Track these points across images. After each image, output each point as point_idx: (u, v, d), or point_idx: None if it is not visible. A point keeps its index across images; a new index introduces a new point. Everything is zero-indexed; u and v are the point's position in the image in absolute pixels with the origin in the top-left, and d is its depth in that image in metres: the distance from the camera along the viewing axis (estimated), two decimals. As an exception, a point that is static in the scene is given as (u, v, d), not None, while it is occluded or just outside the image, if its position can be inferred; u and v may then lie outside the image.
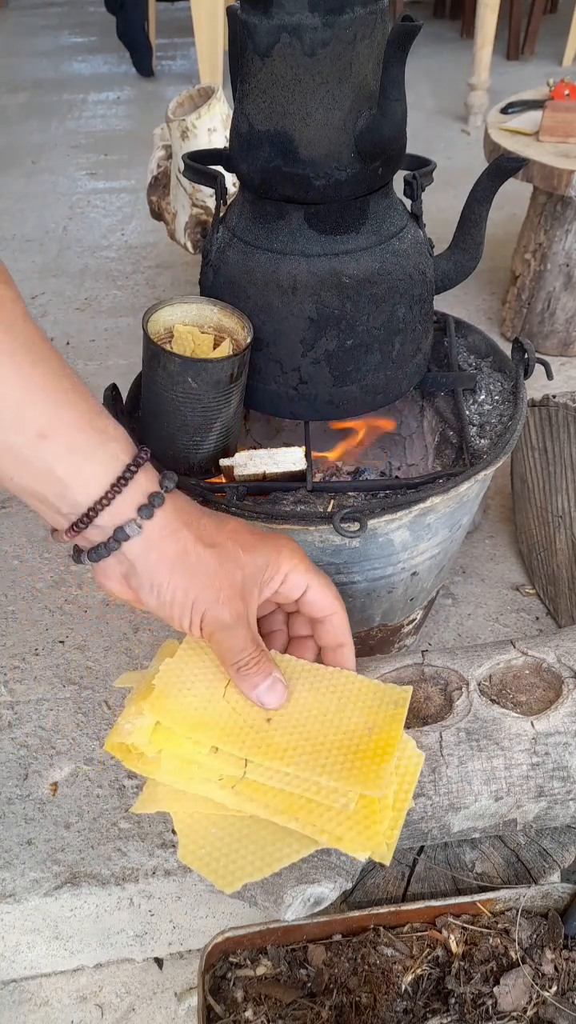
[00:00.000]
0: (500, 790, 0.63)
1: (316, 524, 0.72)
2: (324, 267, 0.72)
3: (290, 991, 0.62)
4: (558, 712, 0.64)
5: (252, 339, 0.73)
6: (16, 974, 0.87)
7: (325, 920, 0.64)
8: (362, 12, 0.62)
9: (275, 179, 0.69)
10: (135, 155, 2.49)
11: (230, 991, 0.62)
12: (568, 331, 1.56)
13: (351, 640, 0.60)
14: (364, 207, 0.72)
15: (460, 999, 0.60)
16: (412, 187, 0.80)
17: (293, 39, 0.62)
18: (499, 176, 0.77)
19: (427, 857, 0.70)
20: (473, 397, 0.87)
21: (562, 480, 1.00)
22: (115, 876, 0.84)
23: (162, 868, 0.84)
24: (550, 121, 1.42)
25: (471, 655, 0.70)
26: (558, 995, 0.60)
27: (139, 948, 0.88)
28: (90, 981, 0.87)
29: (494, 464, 0.77)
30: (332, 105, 0.65)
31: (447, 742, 0.63)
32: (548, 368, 0.84)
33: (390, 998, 0.61)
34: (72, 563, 1.20)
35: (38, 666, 1.07)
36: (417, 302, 0.77)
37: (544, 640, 0.71)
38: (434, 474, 0.78)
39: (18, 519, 1.29)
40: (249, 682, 0.55)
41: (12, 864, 0.85)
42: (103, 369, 1.64)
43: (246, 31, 0.65)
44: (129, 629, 1.11)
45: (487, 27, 2.46)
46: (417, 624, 1.00)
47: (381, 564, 0.79)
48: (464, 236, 0.81)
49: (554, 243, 1.48)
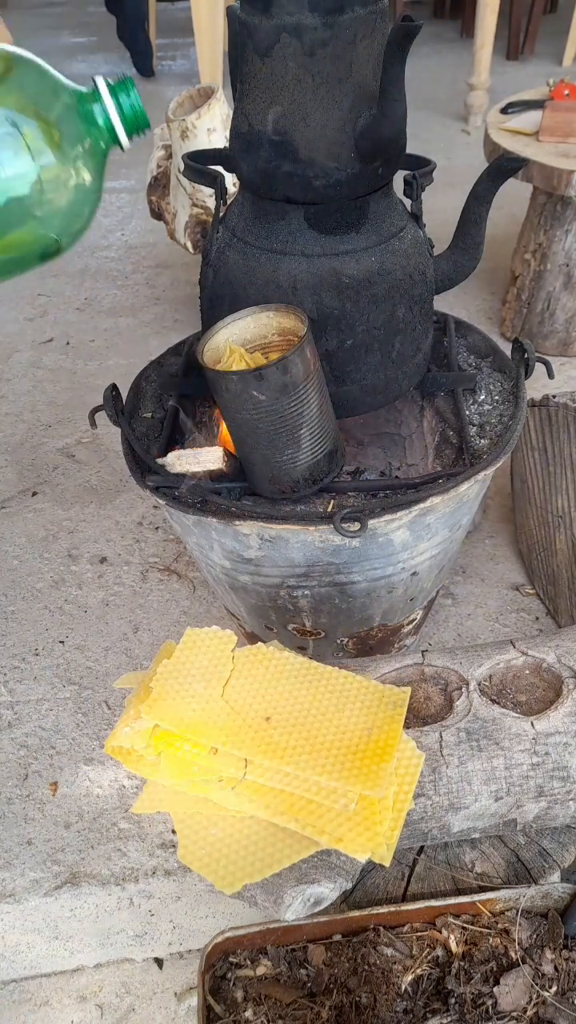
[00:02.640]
0: (500, 790, 0.63)
1: (316, 524, 0.72)
2: (324, 267, 0.72)
3: (290, 991, 0.62)
4: (558, 712, 0.64)
5: (307, 332, 0.68)
6: (16, 974, 0.87)
7: (325, 920, 0.64)
8: (362, 12, 0.62)
9: (275, 179, 0.69)
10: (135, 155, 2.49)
11: (230, 991, 0.62)
12: (568, 331, 1.56)
13: None
14: (364, 207, 0.72)
15: (460, 999, 0.60)
16: (412, 187, 0.80)
17: (293, 39, 0.62)
18: (499, 176, 0.77)
19: (427, 857, 0.70)
20: (473, 397, 0.87)
21: (562, 480, 1.00)
22: (115, 876, 0.84)
23: (162, 868, 0.84)
24: (550, 121, 1.42)
25: (471, 655, 0.70)
26: (558, 995, 0.60)
27: (139, 948, 0.88)
28: (90, 981, 0.87)
29: (494, 464, 0.77)
30: (332, 105, 0.65)
31: (447, 742, 0.63)
32: (549, 367, 0.84)
33: (390, 998, 0.61)
34: (72, 563, 1.21)
35: (38, 666, 1.06)
36: (417, 302, 0.77)
37: (544, 640, 0.71)
38: (434, 474, 0.77)
39: (18, 519, 1.29)
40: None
41: (12, 864, 0.85)
42: (103, 369, 1.64)
43: (246, 31, 0.65)
44: (129, 629, 1.11)
45: (487, 27, 2.45)
46: (417, 624, 1.00)
47: (381, 564, 0.79)
48: (464, 236, 0.81)
49: (554, 243, 1.48)
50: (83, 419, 1.50)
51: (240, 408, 0.69)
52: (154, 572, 1.19)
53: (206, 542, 0.80)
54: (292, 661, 0.61)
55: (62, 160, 0.47)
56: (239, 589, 0.86)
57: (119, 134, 0.49)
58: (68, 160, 0.47)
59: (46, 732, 0.98)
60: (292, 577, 0.80)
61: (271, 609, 0.87)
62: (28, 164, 0.45)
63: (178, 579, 1.18)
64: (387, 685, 0.60)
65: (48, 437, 1.47)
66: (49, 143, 0.46)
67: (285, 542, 0.74)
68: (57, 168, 0.47)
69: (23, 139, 0.44)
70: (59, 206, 0.49)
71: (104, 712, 1.00)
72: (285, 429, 0.70)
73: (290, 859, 0.53)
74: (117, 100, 0.48)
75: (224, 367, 0.71)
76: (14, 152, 0.44)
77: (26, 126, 0.44)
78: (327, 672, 0.60)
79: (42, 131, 0.46)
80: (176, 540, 1.23)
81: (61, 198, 0.49)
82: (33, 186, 0.46)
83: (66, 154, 0.47)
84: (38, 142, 0.45)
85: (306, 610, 0.85)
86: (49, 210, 0.49)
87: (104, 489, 1.35)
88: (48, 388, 1.61)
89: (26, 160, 0.45)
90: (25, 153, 0.44)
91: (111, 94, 0.48)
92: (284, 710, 0.57)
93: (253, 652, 0.62)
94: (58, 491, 1.35)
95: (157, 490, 0.76)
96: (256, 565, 0.79)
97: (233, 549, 0.78)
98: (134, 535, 1.26)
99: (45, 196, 0.47)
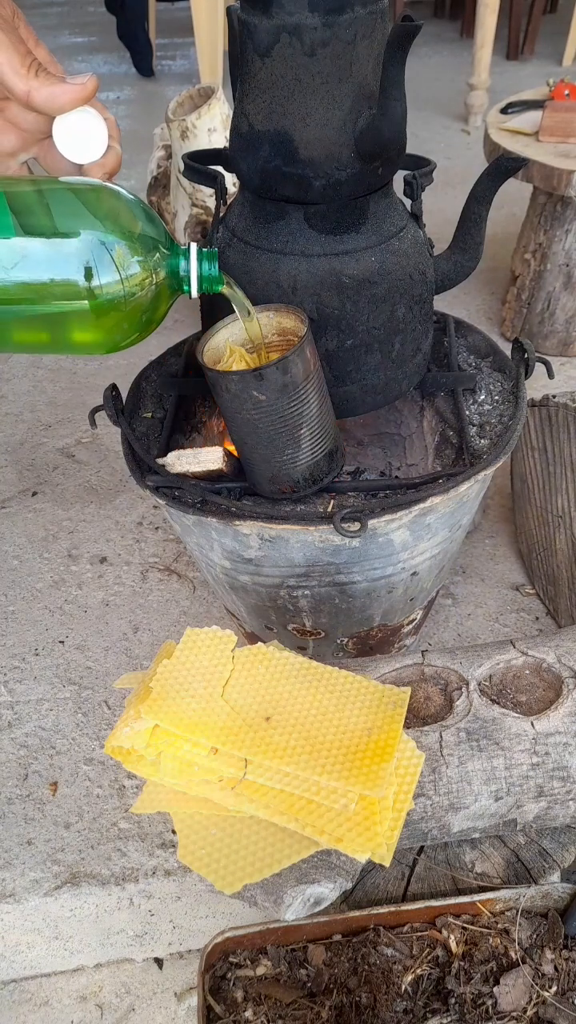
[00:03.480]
0: (500, 790, 0.63)
1: (316, 524, 0.72)
2: (324, 267, 0.72)
3: (290, 991, 0.62)
4: (558, 712, 0.64)
5: (307, 332, 0.68)
6: (16, 974, 0.87)
7: (325, 920, 0.64)
8: (362, 12, 0.62)
9: (275, 179, 0.69)
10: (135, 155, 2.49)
11: (230, 991, 0.62)
12: (568, 331, 1.56)
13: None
14: (364, 207, 0.72)
15: (460, 999, 0.60)
16: (412, 187, 0.80)
17: (293, 39, 0.62)
18: (499, 176, 0.76)
19: (427, 857, 0.70)
20: (473, 397, 0.87)
21: (562, 480, 1.00)
22: (115, 876, 0.84)
23: (162, 868, 0.84)
24: (550, 121, 1.42)
25: (471, 655, 0.70)
26: (558, 995, 0.60)
27: (139, 948, 0.88)
28: (90, 981, 0.87)
29: (494, 464, 0.77)
30: (332, 105, 0.65)
31: (447, 742, 0.63)
32: (549, 367, 0.84)
33: (390, 998, 0.61)
34: (72, 563, 1.21)
35: (38, 666, 1.07)
36: (417, 302, 0.77)
37: (544, 640, 0.71)
38: (434, 474, 0.78)
39: (18, 519, 1.29)
40: (47, 90, 0.54)
41: (12, 864, 0.85)
42: (103, 369, 1.64)
43: (246, 31, 0.65)
44: (129, 629, 1.11)
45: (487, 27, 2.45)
46: (417, 624, 1.00)
47: (381, 564, 0.79)
48: (464, 236, 0.81)
49: (554, 243, 1.48)
50: (83, 419, 1.50)
51: (240, 408, 0.69)
52: (154, 572, 1.19)
53: (206, 542, 0.80)
54: (292, 661, 0.61)
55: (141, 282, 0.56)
56: (239, 589, 0.86)
57: (192, 288, 0.60)
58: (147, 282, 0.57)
59: (46, 732, 0.98)
60: (292, 577, 0.80)
61: (271, 609, 0.87)
62: (115, 276, 0.54)
63: (178, 579, 1.18)
64: (387, 685, 0.60)
65: (48, 437, 1.47)
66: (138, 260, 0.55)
67: (285, 542, 0.74)
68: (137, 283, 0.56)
69: (112, 257, 0.54)
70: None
71: (104, 712, 1.00)
72: (285, 429, 0.70)
73: (290, 859, 0.53)
74: (200, 263, 0.59)
75: (224, 367, 0.71)
76: (108, 266, 0.53)
77: (117, 247, 0.54)
78: (327, 672, 0.60)
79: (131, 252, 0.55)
80: (176, 540, 1.23)
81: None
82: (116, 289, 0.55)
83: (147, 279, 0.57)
84: (127, 259, 0.54)
85: (306, 610, 0.85)
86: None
87: (104, 489, 1.35)
88: (48, 388, 1.61)
89: (114, 274, 0.54)
90: (113, 267, 0.54)
91: (198, 257, 0.59)
92: (284, 710, 0.57)
93: (253, 652, 0.62)
94: (58, 491, 1.35)
95: (157, 490, 0.76)
96: (256, 565, 0.79)
97: (233, 549, 0.78)
98: (134, 535, 1.26)
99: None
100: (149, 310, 0.58)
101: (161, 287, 0.58)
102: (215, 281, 0.61)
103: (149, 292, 0.57)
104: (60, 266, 0.52)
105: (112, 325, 0.56)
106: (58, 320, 0.54)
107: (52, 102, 0.54)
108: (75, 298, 0.53)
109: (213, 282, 0.61)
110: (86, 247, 0.52)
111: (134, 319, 0.57)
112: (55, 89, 0.54)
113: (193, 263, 0.59)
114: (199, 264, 0.59)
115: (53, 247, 0.52)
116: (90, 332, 0.56)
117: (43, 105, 0.55)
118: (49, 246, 0.52)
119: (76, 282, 0.53)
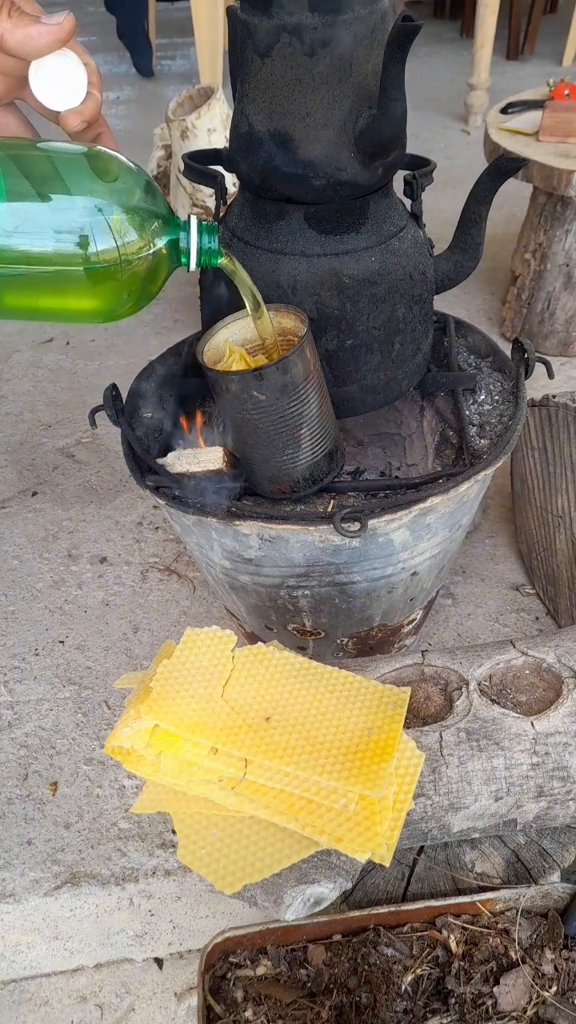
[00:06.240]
0: (500, 790, 0.63)
1: (316, 524, 0.72)
2: (324, 267, 0.72)
3: (290, 991, 0.62)
4: (558, 712, 0.64)
5: (307, 332, 0.68)
6: (16, 974, 0.87)
7: (325, 920, 0.64)
8: (362, 12, 0.62)
9: (275, 179, 0.69)
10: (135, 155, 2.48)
11: (230, 991, 0.62)
12: (568, 331, 1.56)
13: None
14: (364, 207, 0.72)
15: (460, 999, 0.60)
16: (412, 187, 0.80)
17: (293, 39, 0.62)
18: (499, 176, 0.76)
19: (427, 857, 0.70)
20: (473, 397, 0.87)
21: (562, 480, 1.00)
22: (115, 876, 0.84)
23: (162, 868, 0.84)
24: (550, 121, 1.42)
25: (471, 655, 0.70)
26: (558, 995, 0.60)
27: (139, 948, 0.88)
28: (90, 981, 0.87)
29: (494, 464, 0.77)
30: (332, 105, 0.65)
31: (447, 742, 0.63)
32: (549, 367, 0.84)
33: (390, 998, 0.61)
34: (72, 563, 1.21)
35: (38, 666, 1.07)
36: (417, 302, 0.77)
37: (544, 640, 0.71)
38: (434, 474, 0.78)
39: (18, 519, 1.29)
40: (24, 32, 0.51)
41: (12, 864, 0.85)
42: (103, 369, 1.64)
43: (246, 31, 0.65)
44: (129, 629, 1.11)
45: (487, 27, 2.45)
46: (417, 624, 1.00)
47: (381, 564, 0.79)
48: (464, 236, 0.81)
49: (554, 243, 1.48)
50: (83, 419, 1.50)
51: (240, 408, 0.69)
52: (154, 572, 1.19)
53: (206, 542, 0.80)
54: (292, 661, 0.61)
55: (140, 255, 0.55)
56: (239, 589, 0.86)
57: (191, 260, 0.59)
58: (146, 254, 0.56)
59: (46, 732, 0.98)
60: (292, 577, 0.80)
61: (271, 609, 0.87)
62: (111, 242, 0.53)
63: (178, 579, 1.18)
64: (387, 685, 0.60)
65: (48, 437, 1.47)
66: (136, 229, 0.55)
67: (285, 542, 0.74)
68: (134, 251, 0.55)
69: (109, 224, 0.53)
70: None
71: (104, 712, 1.00)
72: (285, 429, 0.70)
73: (290, 859, 0.53)
74: (200, 236, 0.58)
75: (224, 367, 0.71)
76: (105, 232, 0.52)
77: (115, 214, 0.53)
78: (327, 672, 0.60)
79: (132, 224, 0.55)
80: (176, 540, 1.23)
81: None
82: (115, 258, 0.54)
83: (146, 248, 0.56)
84: (124, 226, 0.53)
85: (306, 610, 0.85)
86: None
87: (104, 489, 1.35)
88: (48, 388, 1.61)
89: (110, 240, 0.53)
90: (109, 235, 0.53)
91: (198, 231, 0.58)
92: (284, 710, 0.57)
93: (253, 652, 0.62)
94: (58, 491, 1.35)
95: (157, 490, 0.76)
96: (256, 565, 0.79)
97: (233, 549, 0.78)
98: (134, 535, 1.26)
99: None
100: (146, 280, 0.57)
101: (160, 257, 0.57)
102: (214, 254, 0.60)
103: (146, 261, 0.56)
104: (57, 231, 0.51)
105: (108, 293, 0.55)
106: (54, 286, 0.53)
107: (26, 44, 0.51)
108: (71, 264, 0.52)
109: (212, 255, 0.60)
110: (83, 213, 0.52)
111: (131, 287, 0.56)
112: (30, 31, 0.51)
113: (193, 235, 0.58)
114: (199, 236, 0.58)
115: (50, 212, 0.51)
116: (86, 299, 0.55)
117: (17, 48, 0.51)
118: (46, 210, 0.51)
119: (72, 248, 0.52)
